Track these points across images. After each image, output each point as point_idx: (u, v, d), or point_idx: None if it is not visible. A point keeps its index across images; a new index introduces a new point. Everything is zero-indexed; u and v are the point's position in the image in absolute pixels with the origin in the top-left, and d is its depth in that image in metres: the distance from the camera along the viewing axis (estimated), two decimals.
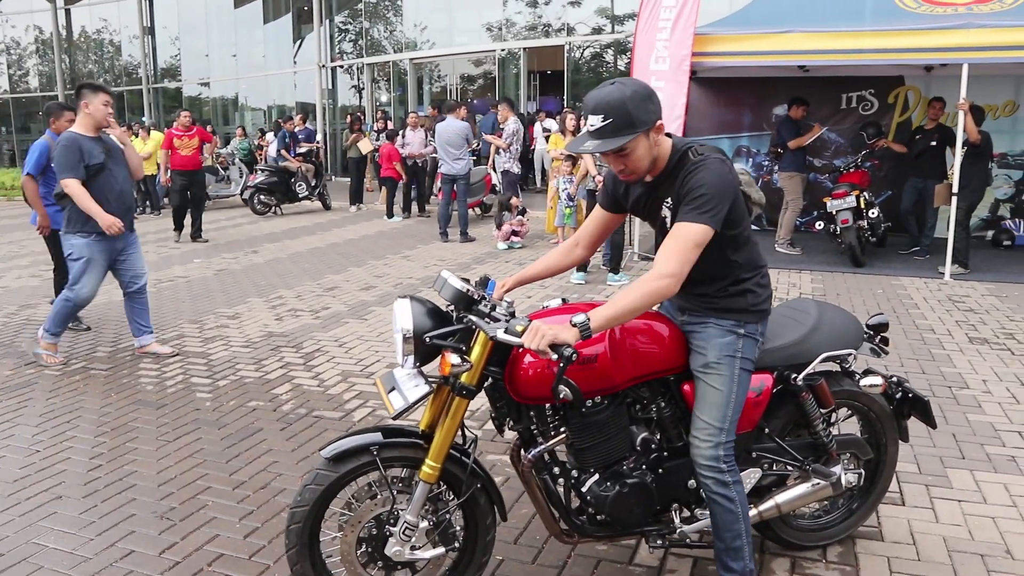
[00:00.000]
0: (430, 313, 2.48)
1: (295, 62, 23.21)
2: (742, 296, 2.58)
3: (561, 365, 2.16)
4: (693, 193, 2.33)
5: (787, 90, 10.07)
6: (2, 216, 15.80)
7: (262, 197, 14.41)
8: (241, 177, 16.11)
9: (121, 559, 3.12)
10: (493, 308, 2.47)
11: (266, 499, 3.59)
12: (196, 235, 11.44)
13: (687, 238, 2.31)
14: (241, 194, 15.11)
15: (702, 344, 2.58)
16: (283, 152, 15.47)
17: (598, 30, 17.57)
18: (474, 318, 2.42)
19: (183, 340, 6.19)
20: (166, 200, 15.04)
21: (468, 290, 2.51)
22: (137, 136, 14.75)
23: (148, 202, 14.96)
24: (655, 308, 2.81)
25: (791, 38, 8.05)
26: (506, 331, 2.26)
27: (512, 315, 2.45)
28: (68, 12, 28.93)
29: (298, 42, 23.32)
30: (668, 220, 2.51)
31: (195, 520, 3.41)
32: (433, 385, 2.46)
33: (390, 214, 13.38)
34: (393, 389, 2.48)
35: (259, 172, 14.86)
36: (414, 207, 13.85)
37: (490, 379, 2.52)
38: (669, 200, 2.48)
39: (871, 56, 8.02)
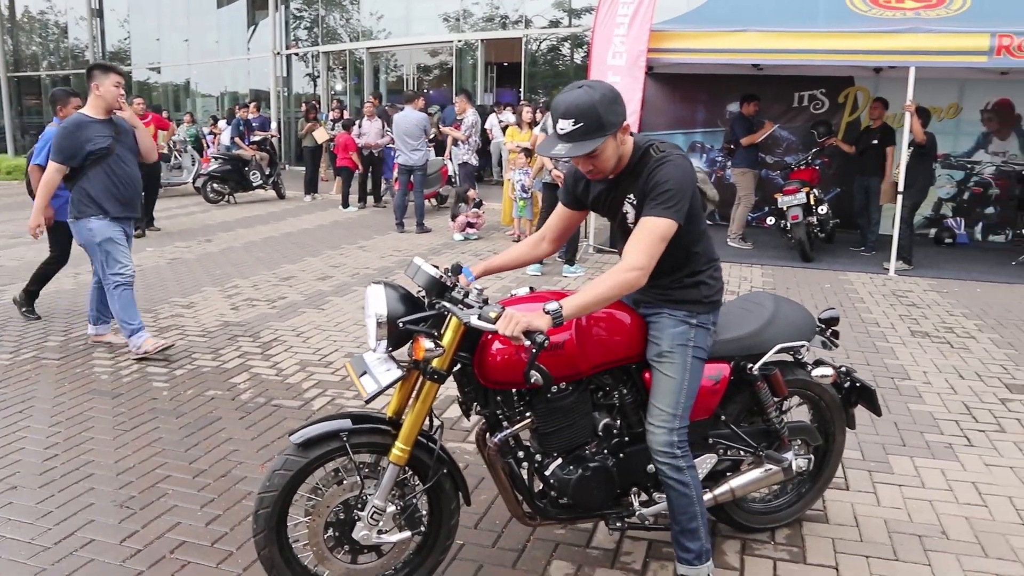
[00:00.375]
0: (403, 299, 2.54)
1: (249, 49, 22.87)
2: (696, 288, 2.68)
3: (534, 351, 2.24)
4: (659, 188, 2.42)
5: (741, 87, 10.26)
6: None
7: (215, 185, 14.22)
8: (193, 164, 15.85)
9: (81, 548, 3.11)
10: (466, 295, 2.54)
11: (227, 487, 3.60)
12: (149, 224, 11.02)
13: (654, 232, 2.41)
14: (193, 182, 14.88)
15: (656, 334, 2.68)
16: (237, 140, 15.27)
17: (555, 23, 17.66)
18: (447, 304, 2.48)
19: None
20: None
21: (441, 276, 2.57)
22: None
23: None
24: None
25: (746, 37, 8.22)
26: (480, 317, 2.33)
27: (485, 302, 2.51)
28: None
29: (252, 28, 22.97)
30: (629, 216, 2.60)
31: (156, 508, 3.41)
32: (405, 370, 2.51)
33: (346, 204, 13.32)
34: (365, 373, 2.53)
35: (212, 160, 14.66)
36: (369, 198, 13.80)
37: (459, 364, 2.58)
38: (631, 196, 2.56)
39: (822, 56, 8.22)
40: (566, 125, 2.40)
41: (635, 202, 2.55)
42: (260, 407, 4.55)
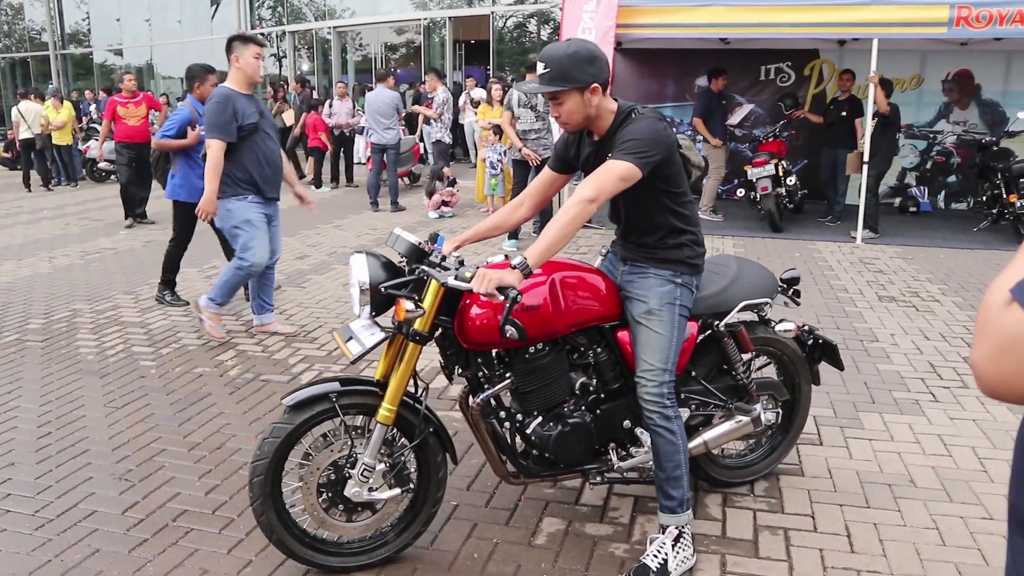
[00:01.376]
0: (384, 266, 2.68)
1: (212, 29, 22.55)
2: (679, 248, 2.81)
3: (508, 305, 2.37)
4: (624, 138, 2.58)
5: (709, 61, 10.38)
6: None
7: None
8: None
9: (84, 519, 3.19)
10: (443, 260, 2.68)
11: (223, 458, 3.69)
12: (142, 216, 10.39)
13: (610, 169, 2.55)
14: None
15: (643, 292, 2.81)
16: None
17: (521, 0, 17.63)
18: (426, 268, 2.62)
19: (119, 311, 6.15)
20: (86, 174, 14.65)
21: (420, 243, 2.71)
22: (46, 103, 14.18)
23: (65, 173, 14.47)
24: (599, 263, 3.04)
25: (713, 11, 8.34)
26: (456, 278, 2.49)
27: (461, 263, 2.65)
28: None
29: (215, 7, 22.64)
30: None
31: (154, 480, 3.49)
32: (389, 332, 2.65)
33: (318, 184, 13.29)
34: (351, 339, 2.66)
35: None
36: (342, 177, 13.77)
37: (440, 329, 2.72)
38: (611, 154, 2.68)
39: (788, 30, 8.37)
40: (540, 68, 2.60)
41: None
42: (249, 382, 4.62)
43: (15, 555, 2.95)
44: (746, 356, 3.21)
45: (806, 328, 3.38)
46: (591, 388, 2.91)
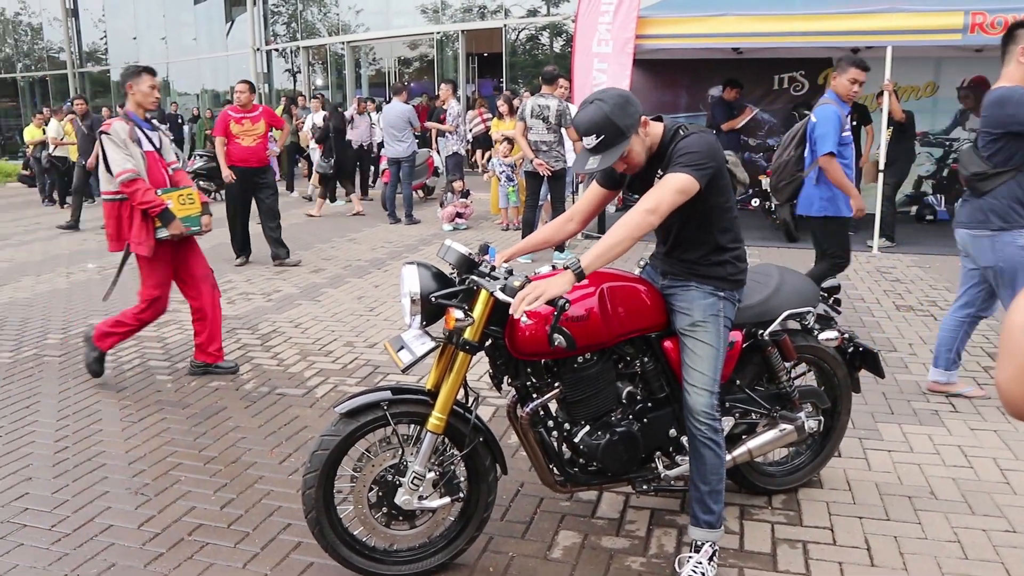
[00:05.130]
0: (435, 276, 2.72)
1: (227, 45, 22.77)
2: (721, 266, 2.83)
3: (556, 314, 2.41)
4: (680, 152, 2.61)
5: (722, 71, 10.38)
6: None
7: (200, 183, 14.12)
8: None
9: (100, 533, 3.20)
10: (493, 270, 2.71)
11: (238, 472, 3.69)
12: (282, 255, 8.37)
13: (670, 183, 2.57)
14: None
15: (686, 305, 2.82)
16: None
17: (534, 12, 17.71)
18: (476, 278, 2.64)
19: None
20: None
21: (471, 254, 2.74)
22: (49, 120, 14.35)
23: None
24: (637, 274, 3.07)
25: (726, 21, 8.34)
26: (505, 288, 2.51)
27: (510, 274, 2.67)
28: None
29: (229, 24, 22.87)
30: None
31: (170, 494, 3.50)
32: (439, 341, 2.68)
33: (333, 198, 13.33)
34: (402, 348, 2.71)
35: (197, 157, 14.61)
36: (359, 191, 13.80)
37: (491, 340, 2.75)
38: (660, 171, 2.71)
39: (801, 39, 8.35)
40: (591, 140, 2.59)
41: (662, 175, 2.72)
42: (264, 396, 4.63)
43: (32, 569, 2.96)
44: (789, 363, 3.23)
45: (847, 336, 3.38)
46: (638, 397, 2.94)
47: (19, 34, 27.99)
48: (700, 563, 2.76)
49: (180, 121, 19.95)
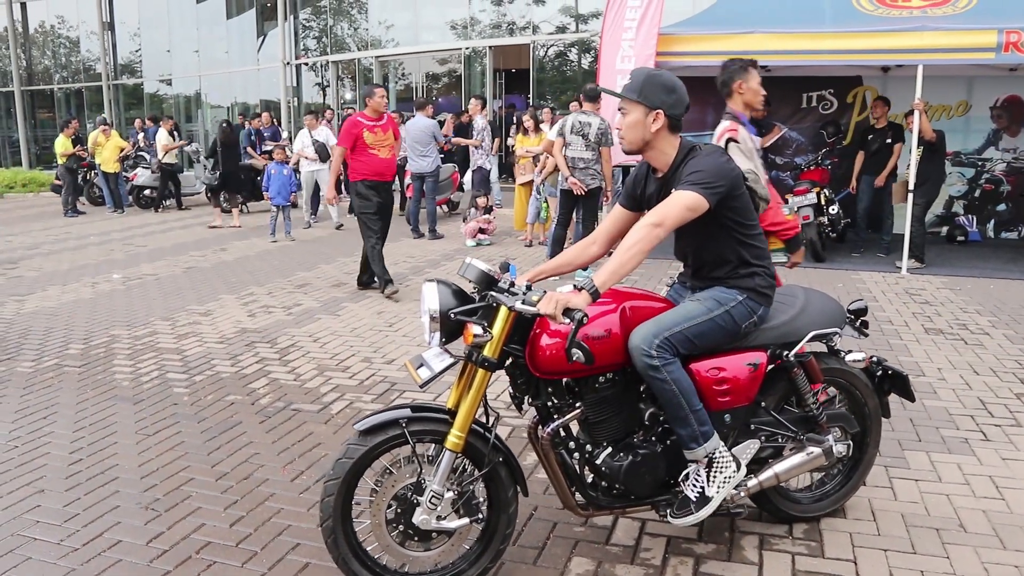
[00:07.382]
0: (455, 294, 2.70)
1: (259, 59, 23.02)
2: (750, 278, 2.85)
3: (574, 327, 2.41)
4: (689, 171, 2.67)
5: None
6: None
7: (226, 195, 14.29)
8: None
9: (108, 549, 3.17)
10: (511, 286, 2.70)
11: (249, 489, 3.65)
12: (379, 280, 7.36)
13: (678, 199, 2.63)
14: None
15: (704, 294, 2.86)
16: (249, 150, 15.36)
17: (562, 29, 17.72)
18: (494, 294, 2.63)
19: (156, 336, 6.20)
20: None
21: (491, 271, 2.72)
22: (94, 132, 14.57)
23: (112, 200, 14.86)
24: (663, 294, 3.04)
25: (753, 38, 8.25)
26: (523, 302, 2.51)
27: (528, 289, 2.66)
28: (24, 6, 28.32)
29: (261, 39, 23.13)
30: None
31: (180, 510, 3.47)
32: (458, 358, 2.66)
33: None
34: (421, 365, 2.69)
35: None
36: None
37: (511, 359, 2.72)
38: (674, 189, 2.72)
39: (830, 57, 8.26)
40: (625, 80, 2.83)
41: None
42: (279, 411, 4.60)
43: None
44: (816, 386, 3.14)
45: (875, 359, 3.29)
46: (661, 418, 2.88)
47: (57, 47, 28.51)
48: (699, 475, 2.80)
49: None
